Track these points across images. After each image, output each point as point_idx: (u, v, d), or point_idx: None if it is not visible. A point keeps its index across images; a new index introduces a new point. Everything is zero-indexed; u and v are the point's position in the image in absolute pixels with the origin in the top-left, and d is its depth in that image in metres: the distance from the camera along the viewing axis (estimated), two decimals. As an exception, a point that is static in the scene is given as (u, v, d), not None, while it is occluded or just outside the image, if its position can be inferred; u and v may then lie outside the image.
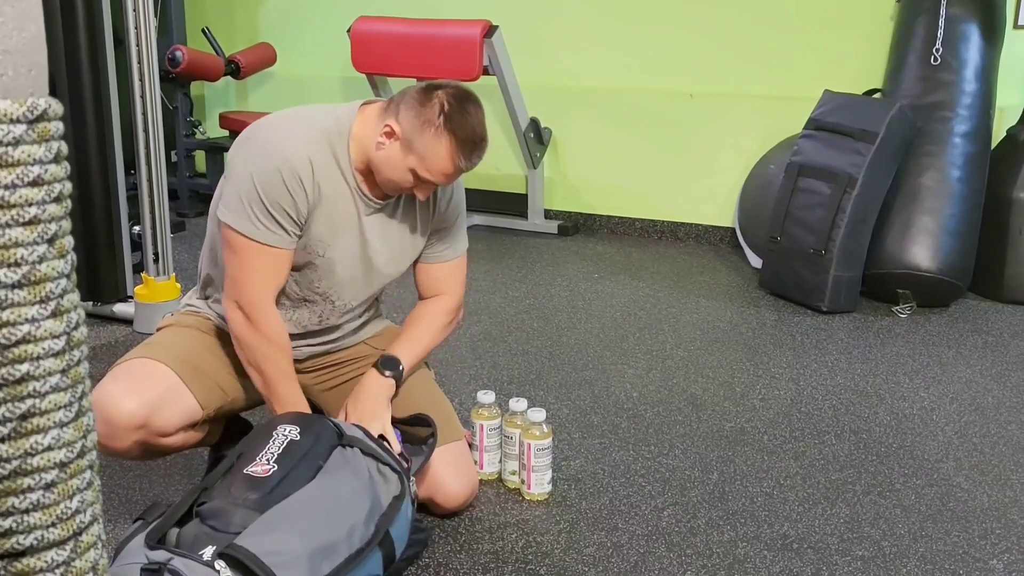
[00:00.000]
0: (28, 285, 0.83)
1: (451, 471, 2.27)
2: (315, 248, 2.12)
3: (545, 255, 4.62)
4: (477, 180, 5.22)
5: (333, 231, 2.12)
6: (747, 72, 4.64)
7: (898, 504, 2.41)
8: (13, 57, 0.81)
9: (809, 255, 3.85)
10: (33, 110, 0.82)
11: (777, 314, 3.82)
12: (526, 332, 3.59)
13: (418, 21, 4.70)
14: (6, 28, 0.80)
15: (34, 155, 0.82)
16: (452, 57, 4.50)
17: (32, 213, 0.82)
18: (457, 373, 3.20)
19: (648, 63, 4.82)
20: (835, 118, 3.96)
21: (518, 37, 4.75)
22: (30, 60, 0.83)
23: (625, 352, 3.40)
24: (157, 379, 2.09)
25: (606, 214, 5.03)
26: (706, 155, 4.76)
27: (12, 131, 0.81)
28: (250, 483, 1.85)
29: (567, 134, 5.02)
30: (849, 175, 3.80)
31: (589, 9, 4.90)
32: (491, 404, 2.52)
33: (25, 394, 0.83)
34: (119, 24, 3.40)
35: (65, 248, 0.86)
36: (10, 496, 0.85)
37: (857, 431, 2.81)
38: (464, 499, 2.31)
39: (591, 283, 4.19)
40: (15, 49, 0.81)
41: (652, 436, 2.77)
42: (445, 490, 2.26)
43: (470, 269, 2.54)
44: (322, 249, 2.13)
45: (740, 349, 3.46)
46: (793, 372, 3.24)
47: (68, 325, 0.86)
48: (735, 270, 4.39)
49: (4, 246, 0.81)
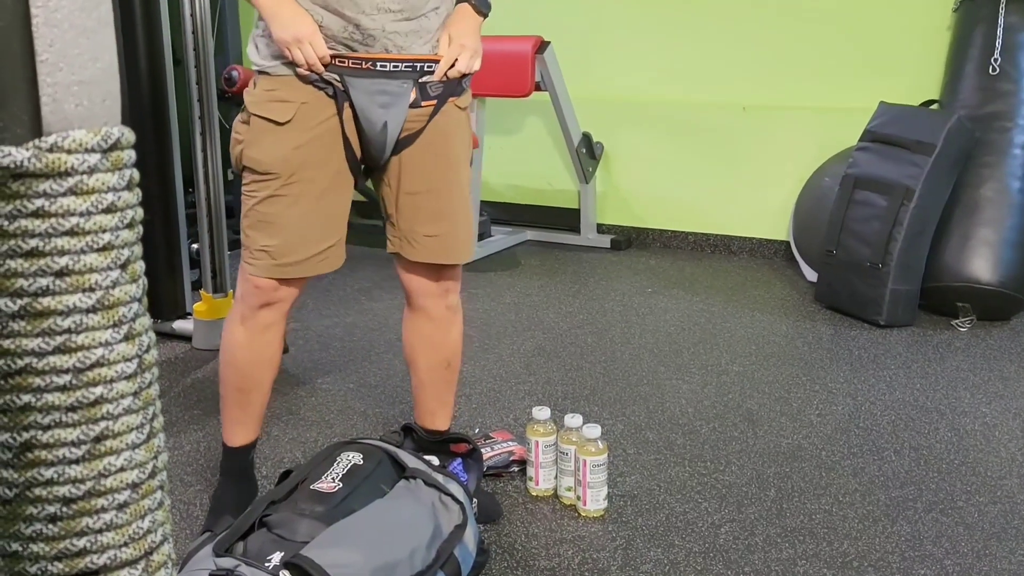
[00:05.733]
0: (102, 310, 0.85)
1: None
2: None
3: (598, 270, 4.62)
4: (529, 195, 5.24)
5: None
6: (800, 84, 4.61)
7: (960, 522, 2.38)
8: (88, 87, 0.83)
9: (866, 268, 3.81)
10: (107, 139, 0.84)
11: (833, 328, 3.78)
12: (580, 347, 3.59)
13: (470, 38, 4.72)
14: (82, 59, 0.82)
15: (108, 183, 0.84)
16: (504, 73, 4.51)
17: (106, 239, 0.84)
18: (511, 389, 3.20)
19: (700, 76, 4.81)
20: (891, 130, 3.92)
21: (570, 52, 4.76)
22: (104, 90, 0.85)
23: (680, 367, 3.39)
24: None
25: (659, 228, 5.01)
26: (759, 168, 4.73)
27: (87, 160, 0.83)
28: (317, 497, 1.88)
29: (619, 148, 5.01)
30: (906, 187, 3.75)
31: (641, 23, 4.90)
32: (546, 420, 2.52)
33: (99, 416, 0.85)
34: (178, 45, 3.46)
35: (137, 273, 0.88)
36: (84, 516, 0.86)
37: (917, 447, 2.78)
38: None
39: (644, 297, 4.18)
40: (90, 79, 0.83)
41: (708, 452, 2.76)
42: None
43: (522, 284, 2.54)
44: None
45: (796, 364, 3.43)
46: (851, 387, 3.20)
47: (140, 348, 0.88)
48: (790, 284, 4.36)
49: (79, 272, 0.83)
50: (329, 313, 3.95)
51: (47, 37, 0.80)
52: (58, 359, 0.83)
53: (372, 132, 2.13)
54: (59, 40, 0.80)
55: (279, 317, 2.22)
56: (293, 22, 2.04)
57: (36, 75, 0.80)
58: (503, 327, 3.80)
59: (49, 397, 0.83)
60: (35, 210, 0.81)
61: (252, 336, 2.21)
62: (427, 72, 2.14)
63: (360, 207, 2.83)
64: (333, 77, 2.09)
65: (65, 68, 0.81)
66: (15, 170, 0.80)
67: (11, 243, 0.81)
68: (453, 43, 2.15)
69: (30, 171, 0.80)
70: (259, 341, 2.22)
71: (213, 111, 3.45)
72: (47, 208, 0.82)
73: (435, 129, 2.19)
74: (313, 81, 2.09)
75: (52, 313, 0.83)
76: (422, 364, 2.41)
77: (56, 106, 0.82)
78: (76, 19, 0.81)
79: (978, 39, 3.99)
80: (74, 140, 0.82)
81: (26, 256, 0.82)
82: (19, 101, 0.80)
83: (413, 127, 2.17)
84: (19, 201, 0.81)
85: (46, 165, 0.81)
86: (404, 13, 2.09)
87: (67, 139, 0.82)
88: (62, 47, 0.81)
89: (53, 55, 0.80)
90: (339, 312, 3.95)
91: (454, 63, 2.15)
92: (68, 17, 0.81)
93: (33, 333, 0.83)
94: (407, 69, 2.11)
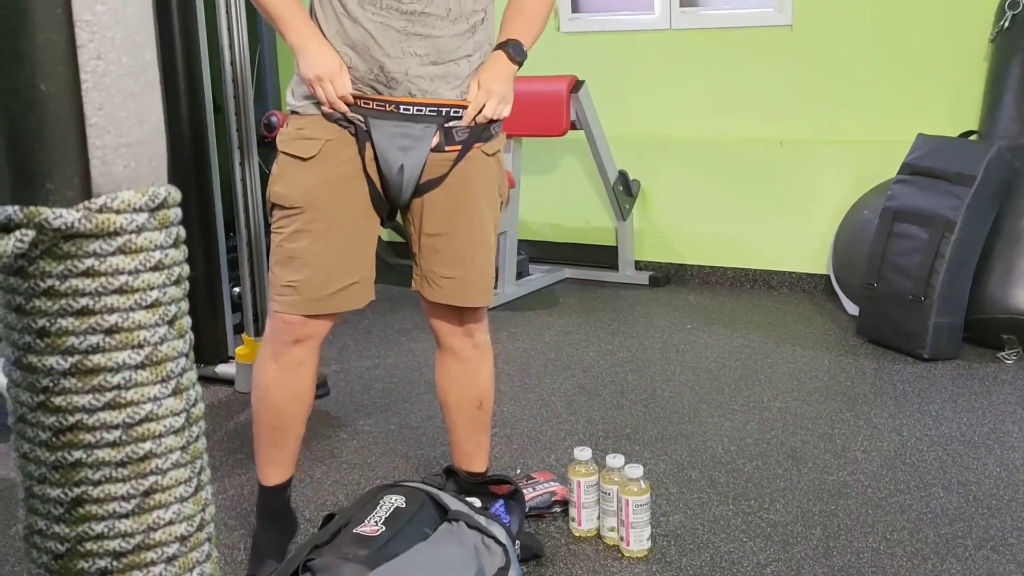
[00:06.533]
0: (150, 365, 0.86)
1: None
2: None
3: (637, 307, 4.61)
4: (566, 233, 5.25)
5: None
6: (836, 117, 4.60)
7: (1012, 559, 2.33)
8: (135, 149, 0.85)
9: (908, 301, 3.77)
10: (154, 199, 0.86)
11: (877, 362, 3.74)
12: (620, 385, 3.58)
13: (505, 78, 4.76)
14: (129, 122, 0.84)
15: (155, 241, 0.86)
16: (540, 113, 4.54)
17: (154, 296, 0.86)
18: (552, 429, 3.20)
19: (735, 111, 4.81)
20: (930, 162, 3.90)
21: (604, 90, 4.78)
22: (151, 151, 0.87)
23: (721, 404, 3.37)
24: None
25: (697, 264, 5.00)
26: (797, 202, 4.71)
27: (135, 219, 0.85)
28: (359, 541, 1.89)
29: (656, 184, 5.02)
30: (947, 219, 3.72)
31: (674, 59, 4.91)
32: (588, 460, 2.52)
33: (148, 471, 0.87)
34: (218, 92, 3.52)
35: (184, 328, 0.90)
36: (135, 570, 0.87)
37: (966, 483, 2.74)
38: None
39: (684, 334, 4.16)
40: (137, 141, 0.85)
41: (752, 490, 2.73)
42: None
43: (561, 322, 2.55)
44: None
45: (839, 399, 3.40)
46: (896, 422, 3.17)
47: (187, 402, 0.90)
48: (831, 318, 4.32)
49: (128, 329, 0.85)
50: (370, 354, 3.97)
51: (96, 101, 0.82)
52: (108, 415, 0.85)
53: (389, 174, 2.16)
54: (108, 104, 0.83)
55: (310, 353, 2.24)
56: (320, 59, 2.08)
57: (86, 138, 0.82)
58: (543, 366, 3.80)
59: (100, 453, 0.85)
60: (85, 269, 0.83)
61: (284, 373, 2.23)
62: (454, 117, 2.17)
63: (399, 248, 2.86)
64: (357, 117, 2.12)
65: (113, 131, 0.83)
66: (66, 231, 0.82)
67: (63, 302, 0.83)
68: (482, 88, 2.18)
69: (81, 232, 0.83)
70: (292, 378, 2.24)
71: (253, 156, 3.50)
72: (97, 267, 0.84)
73: (459, 174, 2.21)
74: (337, 120, 2.12)
75: (102, 370, 0.84)
76: (453, 404, 2.43)
77: (105, 168, 0.84)
78: (124, 83, 0.83)
79: (1016, 69, 3.96)
80: (123, 201, 0.84)
81: (77, 315, 0.84)
82: (70, 164, 0.83)
83: (437, 172, 2.19)
84: (70, 261, 0.83)
85: (96, 226, 0.83)
86: (430, 57, 2.11)
87: (116, 200, 0.84)
88: (110, 110, 0.83)
89: (102, 119, 0.83)
90: (380, 353, 3.97)
91: (482, 109, 2.17)
92: (116, 81, 0.83)
93: (84, 390, 0.84)
94: (431, 113, 2.14)
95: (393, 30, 2.08)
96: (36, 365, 0.84)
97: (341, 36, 2.11)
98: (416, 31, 2.09)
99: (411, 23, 2.09)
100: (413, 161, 2.16)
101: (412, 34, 2.09)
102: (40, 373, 0.84)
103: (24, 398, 0.86)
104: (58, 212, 0.81)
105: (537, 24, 2.31)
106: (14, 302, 0.85)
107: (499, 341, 4.20)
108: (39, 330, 0.84)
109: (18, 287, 0.84)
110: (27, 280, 0.84)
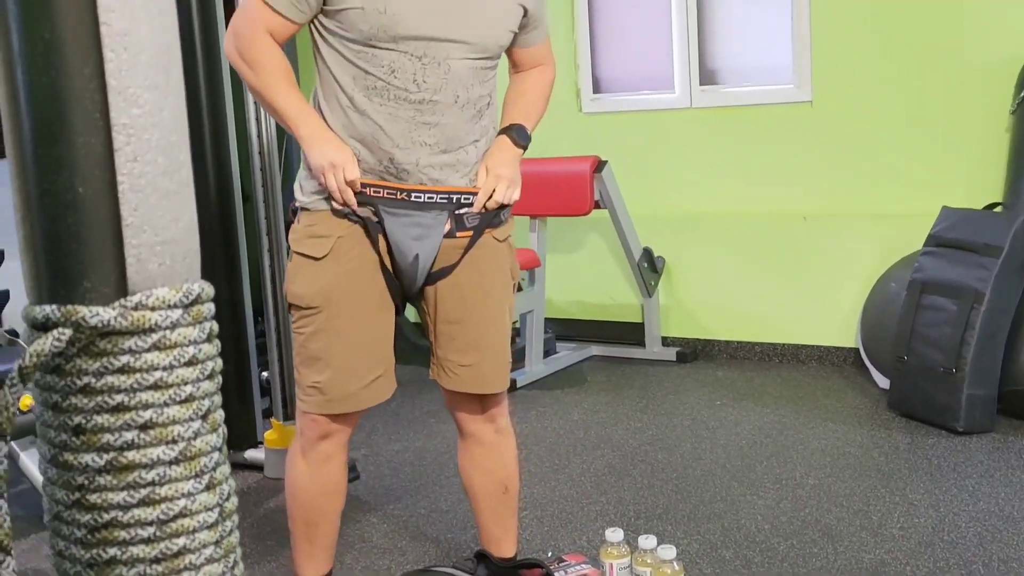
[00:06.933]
0: (184, 461, 0.87)
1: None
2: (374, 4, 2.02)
3: (665, 383, 4.58)
4: (593, 311, 5.25)
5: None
6: (859, 191, 4.61)
7: (1058, 640, 2.28)
8: (170, 247, 0.87)
9: (939, 374, 3.74)
10: (188, 295, 0.87)
11: (910, 436, 3.70)
12: (651, 464, 3.54)
13: (529, 160, 4.80)
14: (164, 220, 0.86)
15: (189, 336, 0.87)
16: (564, 194, 4.58)
17: (188, 392, 0.87)
18: (583, 509, 3.16)
19: (758, 186, 4.83)
20: (956, 234, 3.89)
21: (627, 168, 4.82)
22: (185, 248, 0.89)
23: (753, 482, 3.33)
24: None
25: (724, 339, 4.98)
26: (824, 275, 4.70)
27: (170, 316, 0.86)
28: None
29: (681, 260, 5.03)
30: (976, 290, 3.70)
31: (695, 137, 4.96)
32: (620, 542, 2.49)
33: (182, 567, 0.87)
34: (247, 181, 3.58)
35: (217, 422, 0.90)
36: (168, 667, 0.87)
37: (1006, 560, 2.68)
38: None
39: (714, 410, 4.13)
40: (172, 239, 0.87)
41: (787, 570, 2.69)
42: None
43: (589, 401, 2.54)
44: (382, 3, 2.03)
45: (874, 475, 3.35)
46: (932, 498, 3.12)
47: (221, 497, 0.90)
48: (862, 391, 4.28)
49: (163, 424, 0.86)
50: (398, 437, 3.96)
51: (132, 202, 0.84)
52: (143, 512, 0.85)
53: (404, 263, 2.17)
54: (143, 204, 0.85)
55: (339, 448, 2.24)
56: (329, 149, 2.10)
57: (122, 238, 0.84)
58: (572, 446, 3.77)
59: (134, 550, 0.85)
60: (121, 366, 0.85)
61: (315, 469, 2.23)
62: (464, 204, 2.18)
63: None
64: (368, 211, 2.13)
65: (149, 230, 0.85)
66: (103, 329, 0.83)
67: (98, 399, 0.84)
68: (491, 174, 2.20)
69: (117, 329, 0.84)
70: (322, 473, 2.24)
71: (281, 243, 3.54)
72: (132, 364, 0.85)
73: (471, 261, 2.22)
74: (347, 215, 2.14)
75: (137, 466, 0.85)
76: (479, 489, 2.42)
77: (140, 266, 0.85)
78: (159, 183, 0.85)
79: (1038, 139, 3.97)
80: (157, 298, 0.85)
81: (112, 411, 0.85)
82: (106, 263, 0.84)
83: (449, 259, 2.21)
84: (106, 358, 0.84)
85: (131, 323, 0.84)
86: (440, 146, 2.13)
87: (151, 297, 0.85)
88: (146, 210, 0.85)
89: (138, 219, 0.85)
90: (408, 436, 3.96)
91: (492, 194, 2.19)
92: (152, 182, 0.85)
93: (119, 487, 0.85)
94: (442, 200, 2.15)
95: (402, 120, 2.09)
96: (72, 463, 0.85)
97: (348, 129, 2.12)
98: (425, 120, 2.10)
99: (420, 112, 2.10)
100: (427, 250, 2.18)
101: (421, 123, 2.10)
102: (76, 471, 0.85)
103: (60, 496, 0.86)
104: (95, 311, 0.83)
105: (539, 107, 2.34)
106: (51, 400, 0.86)
107: (527, 420, 4.19)
108: (75, 427, 0.85)
109: (55, 385, 0.85)
110: (64, 378, 0.85)
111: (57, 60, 0.79)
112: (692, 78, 4.97)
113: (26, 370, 0.83)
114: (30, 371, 0.83)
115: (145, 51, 0.80)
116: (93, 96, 0.79)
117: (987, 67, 4.28)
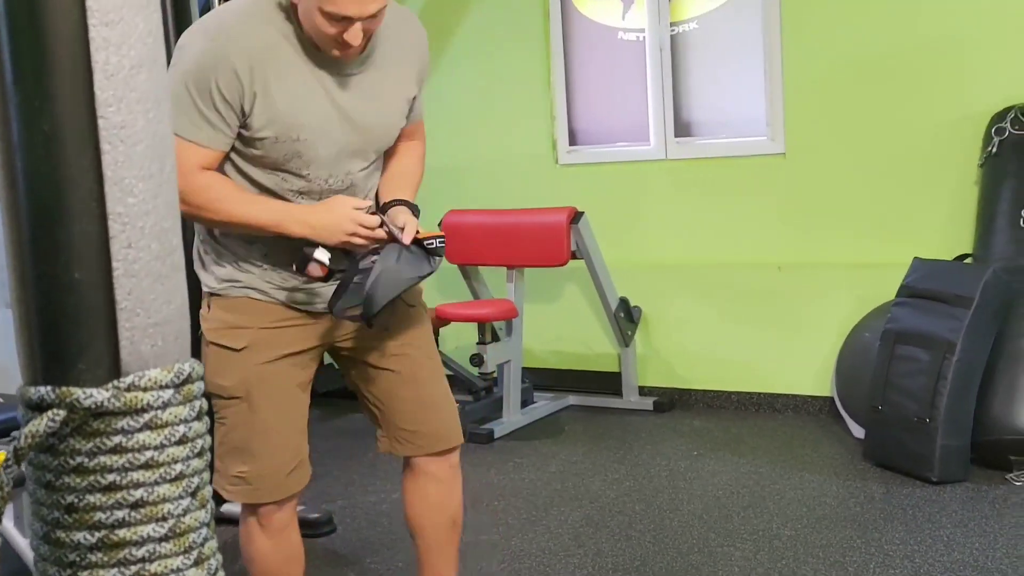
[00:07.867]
0: (174, 537, 0.89)
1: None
2: (287, 133, 2.04)
3: (642, 433, 4.61)
4: (570, 360, 5.28)
5: (297, 106, 2.04)
6: (832, 242, 4.68)
7: None
8: (162, 328, 0.89)
9: (913, 423, 3.78)
10: (179, 375, 0.89)
11: (885, 486, 3.73)
12: (628, 516, 3.56)
13: (506, 211, 4.87)
14: (157, 303, 0.89)
15: (180, 415, 0.90)
16: (540, 245, 4.63)
17: (178, 470, 0.89)
18: (561, 563, 3.17)
19: (733, 237, 4.89)
20: (928, 284, 3.95)
21: (603, 219, 4.87)
22: (176, 328, 0.91)
23: (730, 533, 3.35)
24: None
25: (701, 388, 5.02)
26: (799, 325, 4.75)
27: (162, 396, 0.88)
28: None
29: (657, 310, 5.07)
30: (947, 340, 3.76)
31: (671, 188, 5.02)
32: (599, 598, 2.50)
33: (171, 643, 0.88)
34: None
35: (206, 499, 0.92)
36: None
37: (981, 612, 2.71)
38: None
39: (691, 461, 4.16)
40: (164, 320, 0.90)
41: (766, 624, 2.70)
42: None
43: (567, 451, 2.56)
44: (295, 131, 2.04)
45: (849, 525, 3.38)
46: (907, 548, 3.14)
47: (209, 571, 0.92)
48: (837, 441, 4.32)
49: (153, 503, 0.88)
50: (375, 488, 3.95)
51: (126, 286, 0.87)
52: (133, 589, 0.87)
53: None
54: (137, 288, 0.87)
55: (291, 515, 2.27)
56: (330, 218, 2.08)
57: (116, 321, 0.87)
58: (549, 497, 3.78)
59: (125, 628, 0.87)
60: (113, 446, 0.87)
61: (274, 539, 2.25)
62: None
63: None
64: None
65: (142, 313, 0.88)
66: (96, 410, 0.86)
67: (91, 479, 0.86)
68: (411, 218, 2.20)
69: (110, 410, 0.86)
70: (282, 542, 2.26)
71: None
72: (124, 444, 0.87)
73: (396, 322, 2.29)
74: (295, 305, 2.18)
75: (128, 544, 0.87)
76: (429, 527, 2.41)
77: (133, 348, 0.88)
78: (152, 268, 0.88)
79: (1007, 192, 4.05)
80: (150, 379, 0.88)
81: (104, 490, 0.87)
82: (101, 345, 0.87)
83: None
84: (99, 438, 0.86)
85: (124, 404, 0.87)
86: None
87: (143, 378, 0.87)
88: (139, 294, 0.87)
89: (131, 302, 0.87)
90: (385, 488, 3.96)
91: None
92: (145, 267, 0.87)
93: (110, 564, 0.87)
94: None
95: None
96: (64, 540, 0.87)
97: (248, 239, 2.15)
98: None
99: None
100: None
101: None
102: (67, 548, 0.87)
103: (52, 572, 0.88)
104: (89, 392, 0.85)
105: (418, 184, 2.37)
106: (44, 478, 0.88)
107: (505, 472, 4.20)
108: (67, 506, 0.87)
109: (48, 464, 0.87)
110: (57, 457, 0.87)
111: (57, 151, 0.82)
112: (667, 130, 5.05)
113: (21, 451, 0.85)
114: (25, 451, 0.85)
115: (141, 142, 0.83)
116: (90, 186, 0.82)
117: (956, 121, 4.37)
